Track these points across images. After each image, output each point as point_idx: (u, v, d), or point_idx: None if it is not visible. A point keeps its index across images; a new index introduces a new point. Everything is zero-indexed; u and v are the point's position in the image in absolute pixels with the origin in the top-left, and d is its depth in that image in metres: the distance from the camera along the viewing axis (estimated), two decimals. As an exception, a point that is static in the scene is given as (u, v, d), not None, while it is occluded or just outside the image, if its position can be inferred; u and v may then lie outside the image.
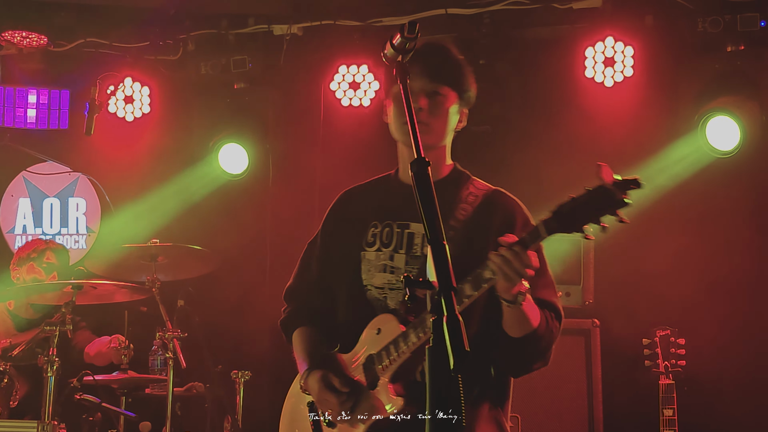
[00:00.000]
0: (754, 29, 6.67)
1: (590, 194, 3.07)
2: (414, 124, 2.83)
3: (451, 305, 2.42)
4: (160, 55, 8.17)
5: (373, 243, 3.67)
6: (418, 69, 3.50)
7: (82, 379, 6.58)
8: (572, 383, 6.35)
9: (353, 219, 3.78)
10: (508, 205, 3.69)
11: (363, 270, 3.66)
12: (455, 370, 2.33)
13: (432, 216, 2.61)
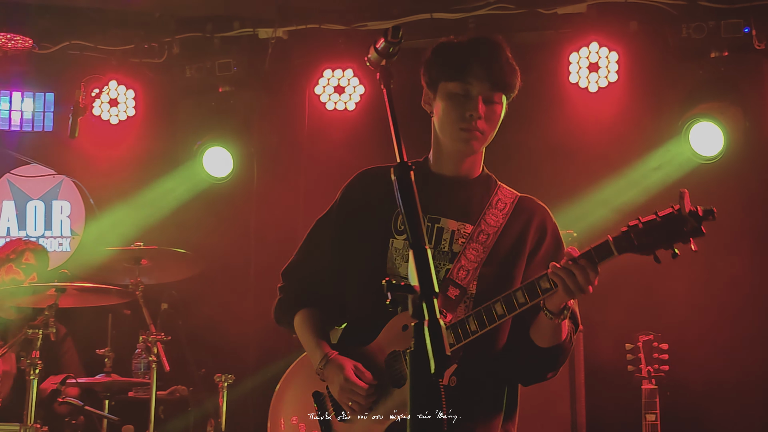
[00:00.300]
0: (737, 35, 6.70)
1: (668, 219, 3.22)
2: (398, 129, 2.80)
3: (433, 310, 2.42)
4: (145, 58, 8.18)
5: (403, 231, 3.54)
6: (482, 73, 3.47)
7: (65, 382, 6.56)
8: (555, 388, 6.33)
9: (378, 203, 3.61)
10: (538, 213, 3.66)
11: (389, 258, 3.54)
12: (436, 375, 2.34)
13: (414, 221, 2.61)
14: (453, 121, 3.49)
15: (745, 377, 6.69)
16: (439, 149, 3.63)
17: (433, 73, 3.55)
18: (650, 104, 7.09)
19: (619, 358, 6.24)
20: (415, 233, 2.59)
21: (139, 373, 7.22)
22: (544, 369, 3.60)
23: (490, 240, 3.52)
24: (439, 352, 2.34)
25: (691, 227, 3.22)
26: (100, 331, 7.43)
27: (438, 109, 3.56)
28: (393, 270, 3.52)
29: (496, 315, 3.31)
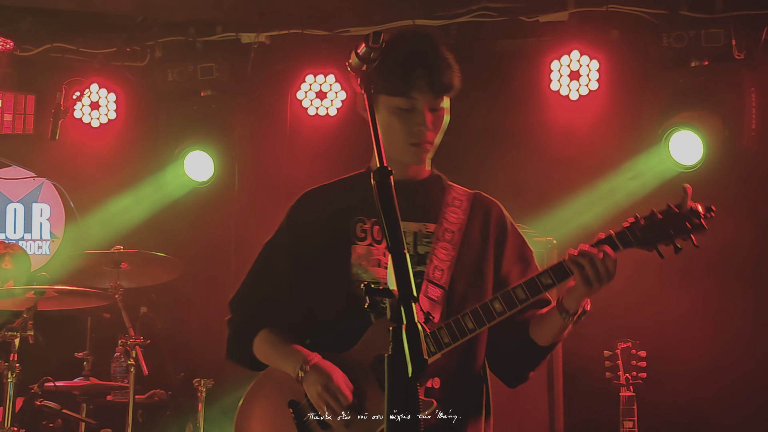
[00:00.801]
0: (717, 45, 6.73)
1: (669, 215, 3.26)
2: (377, 134, 2.81)
3: (411, 313, 2.42)
4: (127, 62, 8.17)
5: (364, 238, 3.50)
6: (424, 85, 3.40)
7: (42, 385, 6.55)
8: (533, 394, 6.36)
9: (332, 215, 3.57)
10: (494, 207, 3.65)
11: (353, 264, 3.48)
12: (413, 379, 2.34)
13: (394, 225, 2.60)
14: (401, 137, 3.43)
15: (723, 385, 6.73)
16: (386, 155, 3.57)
17: (371, 86, 3.35)
18: (631, 112, 7.12)
19: (598, 364, 6.26)
20: (393, 237, 2.58)
21: (118, 376, 7.21)
22: (531, 367, 3.59)
23: (456, 237, 3.49)
24: (417, 356, 2.34)
25: (693, 223, 3.26)
26: (79, 335, 7.41)
27: (381, 122, 3.39)
28: (358, 276, 3.45)
29: (495, 312, 3.27)
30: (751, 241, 6.93)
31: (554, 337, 3.44)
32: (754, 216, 6.97)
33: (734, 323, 6.79)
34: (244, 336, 3.65)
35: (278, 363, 3.54)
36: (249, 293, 3.70)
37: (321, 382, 3.35)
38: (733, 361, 6.75)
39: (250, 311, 3.67)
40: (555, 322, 3.37)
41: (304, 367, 3.41)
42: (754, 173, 6.89)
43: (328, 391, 3.33)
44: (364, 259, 3.47)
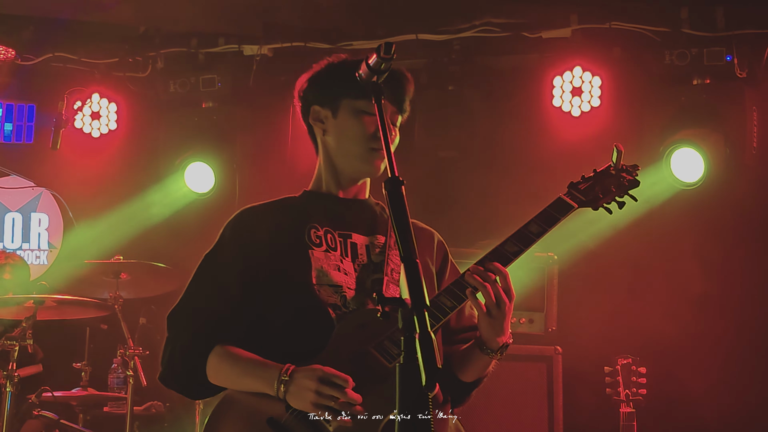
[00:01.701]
0: (719, 63, 6.76)
1: (606, 173, 3.50)
2: (389, 143, 2.81)
3: (424, 322, 2.40)
4: (129, 72, 8.17)
5: (320, 244, 3.36)
6: (390, 94, 3.31)
7: (40, 395, 6.52)
8: (533, 410, 6.36)
9: (282, 223, 3.40)
10: (435, 233, 3.59)
11: (313, 268, 3.31)
12: (427, 388, 2.33)
13: (406, 235, 2.58)
14: (363, 140, 3.34)
15: (724, 402, 6.72)
16: (333, 170, 3.47)
17: (333, 90, 3.39)
18: (632, 129, 7.12)
19: (598, 381, 6.25)
20: (406, 247, 2.56)
21: (115, 387, 7.19)
22: (457, 402, 3.45)
23: None
24: (431, 365, 2.32)
25: (629, 180, 3.50)
26: (78, 345, 7.39)
27: (341, 127, 3.41)
28: (322, 279, 3.30)
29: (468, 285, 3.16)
30: (753, 257, 6.94)
31: (479, 373, 3.36)
32: (754, 233, 6.98)
33: (737, 338, 6.79)
34: (193, 356, 3.30)
35: (244, 381, 3.23)
36: (193, 308, 3.39)
37: (311, 377, 3.08)
38: (734, 379, 6.76)
39: (197, 328, 3.34)
40: (479, 359, 3.28)
41: (283, 378, 3.12)
42: (755, 191, 6.90)
43: (324, 382, 3.06)
44: (324, 263, 3.33)
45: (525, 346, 6.43)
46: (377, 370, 3.13)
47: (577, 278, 6.75)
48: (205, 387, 3.31)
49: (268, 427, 3.14)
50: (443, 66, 7.50)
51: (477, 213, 7.30)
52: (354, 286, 3.33)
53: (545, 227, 3.31)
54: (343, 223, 3.43)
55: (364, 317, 3.24)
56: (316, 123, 3.49)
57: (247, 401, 3.23)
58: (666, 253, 6.95)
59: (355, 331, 3.21)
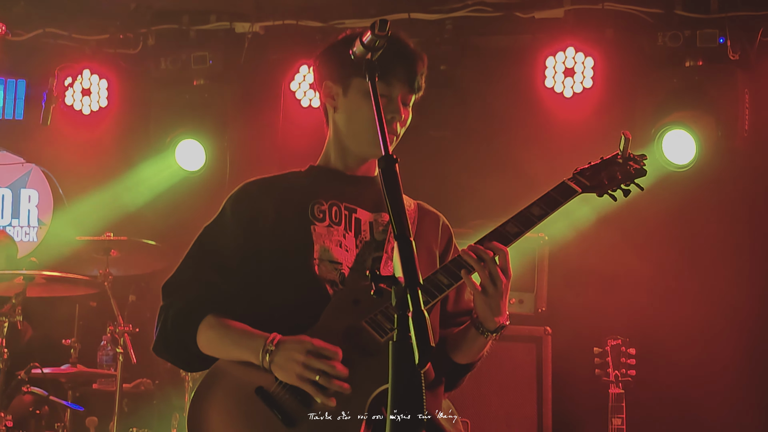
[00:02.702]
0: (712, 45, 6.76)
1: (613, 160, 3.51)
2: (383, 121, 2.79)
3: (417, 301, 2.39)
4: (120, 49, 8.13)
5: (323, 219, 3.35)
6: (403, 74, 3.33)
7: (29, 372, 6.52)
8: (523, 390, 6.38)
9: (285, 197, 3.40)
10: (441, 215, 3.59)
11: (315, 242, 3.30)
12: (420, 366, 2.32)
13: (399, 212, 2.58)
14: (372, 122, 3.01)
15: (713, 383, 6.75)
16: (342, 148, 3.46)
17: (346, 68, 3.33)
18: (624, 111, 7.13)
19: (587, 362, 6.27)
20: (399, 224, 2.55)
21: (104, 364, 7.19)
22: (451, 386, 3.46)
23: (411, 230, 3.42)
24: (424, 343, 2.30)
25: (636, 168, 3.51)
26: (67, 322, 7.37)
27: (350, 107, 3.39)
28: (324, 254, 3.29)
29: (465, 263, 3.15)
30: (742, 240, 6.97)
31: (474, 355, 3.35)
32: (745, 215, 7.00)
33: (725, 321, 6.81)
34: (185, 323, 3.28)
35: (233, 351, 3.20)
36: (189, 278, 3.35)
37: (298, 349, 3.05)
38: (723, 359, 6.77)
39: (191, 297, 3.31)
40: (474, 340, 3.28)
41: (269, 347, 3.10)
42: (746, 173, 6.91)
43: (311, 353, 3.04)
44: (326, 239, 3.33)
45: (515, 327, 6.36)
46: (369, 344, 3.11)
47: (567, 259, 6.76)
48: (197, 357, 3.28)
49: (256, 396, 3.12)
50: (435, 45, 7.47)
51: (469, 193, 7.30)
52: (353, 264, 3.33)
53: (547, 210, 3.32)
54: (349, 198, 3.42)
55: (358, 293, 3.22)
56: (327, 99, 3.47)
57: (236, 372, 3.20)
58: (656, 235, 6.96)
59: (349, 306, 3.21)
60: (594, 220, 6.73)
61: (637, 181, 3.49)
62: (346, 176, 3.46)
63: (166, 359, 3.43)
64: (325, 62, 3.49)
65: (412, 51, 3.39)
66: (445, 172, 7.46)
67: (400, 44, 3.36)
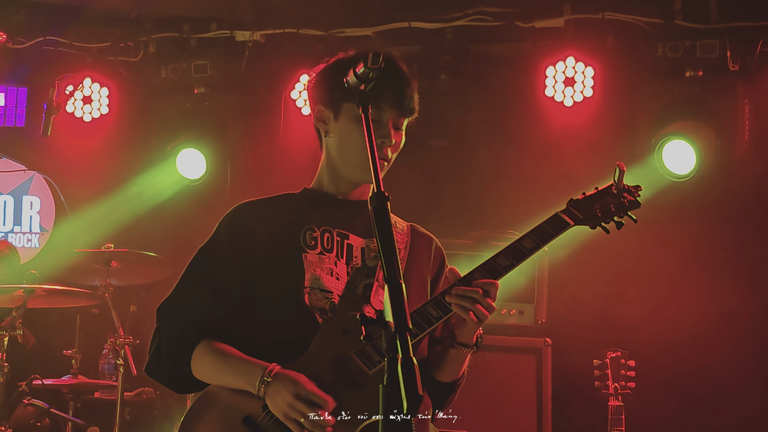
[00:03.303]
0: (712, 56, 6.74)
1: (607, 192, 3.45)
2: (375, 156, 2.78)
3: (407, 346, 2.39)
4: (121, 57, 8.12)
5: (315, 246, 3.35)
6: (393, 99, 3.31)
7: (30, 384, 6.53)
8: (522, 401, 6.38)
9: (278, 223, 3.39)
10: (434, 239, 3.57)
11: (306, 271, 3.30)
12: (408, 413, 2.33)
13: (390, 254, 2.56)
14: (363, 148, 2.97)
15: (712, 396, 6.76)
16: (334, 173, 3.45)
17: (337, 93, 3.31)
18: (624, 120, 7.14)
19: (587, 374, 6.28)
20: (390, 266, 2.54)
21: (106, 374, 7.21)
22: (438, 405, 3.46)
23: (403, 254, 3.41)
24: (413, 391, 2.32)
25: (630, 200, 3.46)
26: (68, 332, 7.39)
27: (341, 133, 3.36)
28: (315, 283, 3.29)
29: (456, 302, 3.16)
30: (743, 251, 6.96)
31: (457, 372, 3.37)
32: (746, 226, 6.99)
33: (727, 332, 6.80)
34: (179, 348, 3.27)
35: (228, 378, 3.22)
36: (184, 300, 3.35)
37: (290, 390, 3.08)
38: (724, 372, 6.77)
39: (186, 320, 3.31)
40: (455, 357, 3.31)
41: (265, 379, 3.12)
42: (746, 184, 6.89)
43: (300, 399, 3.06)
44: (318, 267, 3.32)
45: (515, 338, 6.45)
46: (357, 375, 3.14)
47: (567, 270, 6.76)
48: (189, 381, 3.30)
49: (243, 425, 3.14)
50: (436, 54, 7.47)
51: (469, 203, 7.31)
52: (343, 292, 3.33)
53: (539, 243, 3.30)
54: (341, 223, 3.41)
55: (347, 322, 3.22)
56: (319, 123, 3.46)
57: (226, 398, 3.22)
58: (657, 245, 6.95)
59: (338, 335, 3.21)
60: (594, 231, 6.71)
61: (630, 213, 3.46)
62: (338, 201, 3.45)
63: (158, 381, 3.42)
64: (316, 86, 3.49)
65: (402, 74, 3.37)
66: (444, 182, 7.47)
67: (392, 67, 3.32)
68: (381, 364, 3.09)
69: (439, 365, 3.37)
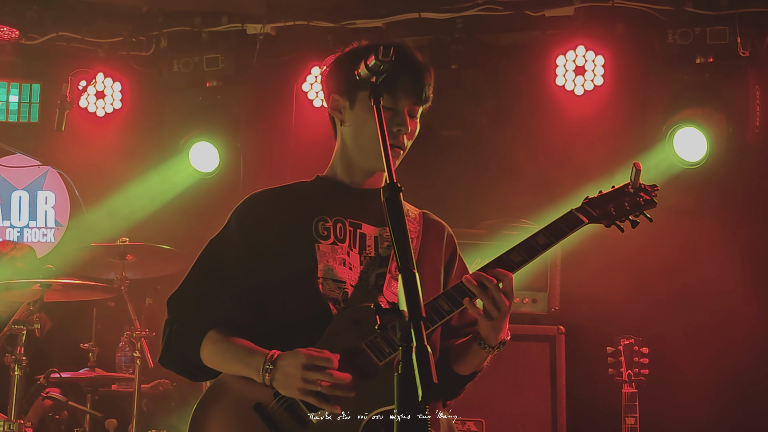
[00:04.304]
0: (722, 42, 6.74)
1: (623, 191, 3.46)
2: (387, 147, 2.80)
3: (421, 335, 2.42)
4: (133, 51, 8.17)
5: (327, 236, 3.37)
6: (409, 86, 3.34)
7: (48, 377, 6.59)
8: (536, 389, 6.41)
9: (290, 213, 3.41)
10: (446, 227, 3.60)
11: (319, 261, 3.33)
12: (423, 401, 2.36)
13: (403, 244, 2.59)
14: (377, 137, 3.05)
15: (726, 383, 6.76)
16: (348, 162, 3.47)
17: (352, 82, 3.24)
18: (635, 108, 7.14)
19: (601, 361, 6.30)
20: (404, 257, 2.57)
21: (123, 366, 7.25)
22: (451, 395, 3.52)
23: (415, 244, 3.44)
24: (427, 379, 2.35)
25: (646, 199, 3.46)
26: (85, 326, 7.44)
27: (357, 122, 3.39)
28: (328, 273, 3.32)
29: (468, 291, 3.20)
30: (754, 238, 6.96)
31: (476, 367, 3.40)
32: (757, 213, 6.99)
33: (739, 318, 6.81)
34: (189, 338, 3.32)
35: (234, 367, 3.25)
36: (194, 291, 3.41)
37: (294, 365, 3.10)
38: (735, 359, 6.78)
39: (195, 312, 3.36)
40: (476, 354, 3.33)
41: (267, 367, 3.15)
42: (757, 170, 6.91)
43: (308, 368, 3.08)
44: (330, 257, 3.35)
45: (528, 326, 6.49)
46: (367, 366, 3.16)
47: (580, 258, 6.77)
48: (201, 370, 3.35)
49: (254, 413, 3.19)
50: (446, 45, 7.49)
51: (480, 193, 7.33)
52: (356, 282, 3.35)
53: (553, 240, 3.33)
54: (354, 213, 3.43)
55: (359, 314, 3.25)
56: (334, 111, 3.49)
57: (237, 386, 3.26)
58: (668, 233, 6.95)
59: (350, 327, 3.24)
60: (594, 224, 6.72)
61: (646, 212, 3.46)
62: (351, 189, 3.47)
63: (171, 370, 3.48)
64: (331, 75, 3.52)
65: (419, 63, 3.39)
66: (456, 172, 7.49)
67: (407, 56, 3.35)
68: (391, 356, 3.12)
69: (460, 359, 3.40)
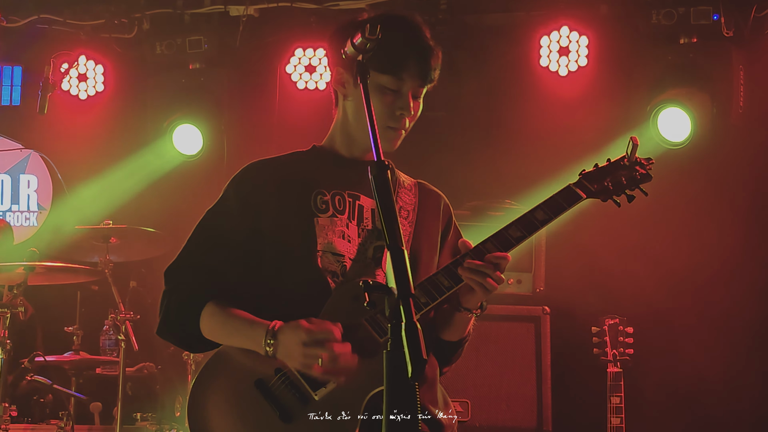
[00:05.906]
0: (706, 22, 6.75)
1: (619, 164, 3.43)
2: (374, 126, 2.79)
3: (410, 312, 2.42)
4: (115, 33, 8.11)
5: (326, 209, 3.35)
6: (415, 69, 3.29)
7: (33, 360, 6.57)
8: (522, 369, 6.42)
9: (287, 186, 3.38)
10: (442, 196, 3.58)
11: (318, 235, 3.31)
12: (413, 378, 2.36)
13: (391, 221, 2.59)
14: (380, 118, 3.20)
15: (710, 361, 6.79)
16: (348, 136, 3.45)
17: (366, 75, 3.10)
18: (619, 89, 7.15)
19: (586, 341, 6.32)
20: (392, 234, 2.57)
21: (107, 349, 7.24)
22: (445, 363, 3.52)
23: (412, 217, 3.43)
24: (416, 355, 2.35)
25: (641, 173, 3.44)
26: (69, 309, 7.42)
27: (359, 99, 3.16)
28: (327, 247, 3.30)
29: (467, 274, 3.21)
30: (740, 216, 6.98)
31: (462, 332, 3.42)
32: (741, 193, 7.01)
33: (723, 300, 6.84)
34: (187, 309, 3.31)
35: (235, 338, 3.25)
36: (192, 263, 3.37)
37: (295, 341, 3.09)
38: (721, 338, 6.81)
39: (194, 282, 3.33)
40: (460, 320, 3.36)
41: (269, 341, 3.14)
42: (741, 150, 6.92)
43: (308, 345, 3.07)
44: (329, 230, 3.33)
45: (513, 307, 6.49)
46: (367, 342, 3.15)
47: (565, 238, 6.78)
48: (200, 341, 3.33)
49: (255, 389, 3.18)
50: (430, 25, 7.22)
51: (465, 174, 7.32)
52: (354, 255, 3.35)
53: (551, 215, 3.32)
54: (353, 184, 3.41)
55: (358, 289, 3.14)
56: (338, 85, 3.43)
57: (238, 358, 3.25)
58: (653, 213, 6.97)
59: (349, 302, 3.23)
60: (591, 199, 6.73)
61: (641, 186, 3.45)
62: (348, 161, 3.45)
63: (169, 341, 3.48)
64: (337, 47, 3.35)
65: (427, 45, 3.34)
66: (440, 153, 7.47)
67: (414, 35, 3.33)
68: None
69: (444, 326, 3.41)
